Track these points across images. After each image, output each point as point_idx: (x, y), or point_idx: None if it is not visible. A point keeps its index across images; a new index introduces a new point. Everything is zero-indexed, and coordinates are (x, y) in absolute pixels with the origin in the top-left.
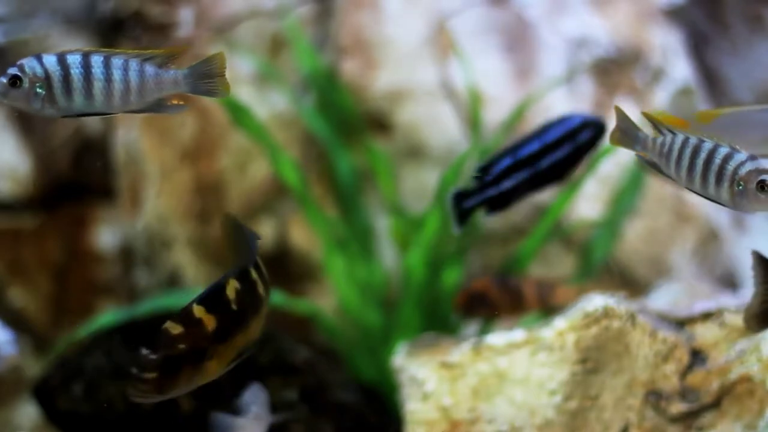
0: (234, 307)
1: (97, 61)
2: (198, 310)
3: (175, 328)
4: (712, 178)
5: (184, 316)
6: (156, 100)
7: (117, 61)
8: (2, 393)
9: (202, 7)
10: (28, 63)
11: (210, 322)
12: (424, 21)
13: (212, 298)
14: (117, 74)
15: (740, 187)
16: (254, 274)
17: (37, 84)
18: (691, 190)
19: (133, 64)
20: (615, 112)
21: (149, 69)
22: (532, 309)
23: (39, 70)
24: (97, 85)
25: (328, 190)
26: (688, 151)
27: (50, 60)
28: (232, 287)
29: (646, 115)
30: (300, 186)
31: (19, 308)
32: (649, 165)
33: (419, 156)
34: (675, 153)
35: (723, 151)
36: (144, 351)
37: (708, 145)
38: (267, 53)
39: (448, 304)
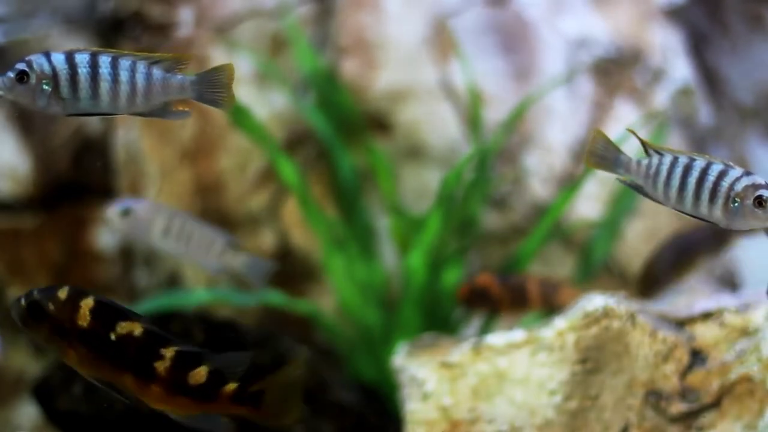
0: (113, 337)
1: (105, 61)
2: (86, 301)
3: (62, 291)
4: (705, 197)
5: (78, 291)
6: (161, 104)
7: (125, 63)
8: (2, 393)
9: (202, 7)
10: (36, 59)
11: (83, 317)
12: (424, 21)
13: (109, 308)
14: (124, 75)
15: (736, 204)
16: (168, 353)
17: (44, 81)
18: (680, 211)
19: (141, 67)
20: (592, 135)
21: (157, 72)
22: (535, 308)
23: (47, 66)
24: (104, 86)
25: (328, 190)
26: (678, 171)
27: (58, 58)
28: (133, 326)
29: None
30: (300, 186)
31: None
32: (632, 188)
33: (419, 156)
34: (663, 174)
35: (716, 168)
36: (40, 288)
37: (700, 163)
38: (267, 53)
39: (449, 304)
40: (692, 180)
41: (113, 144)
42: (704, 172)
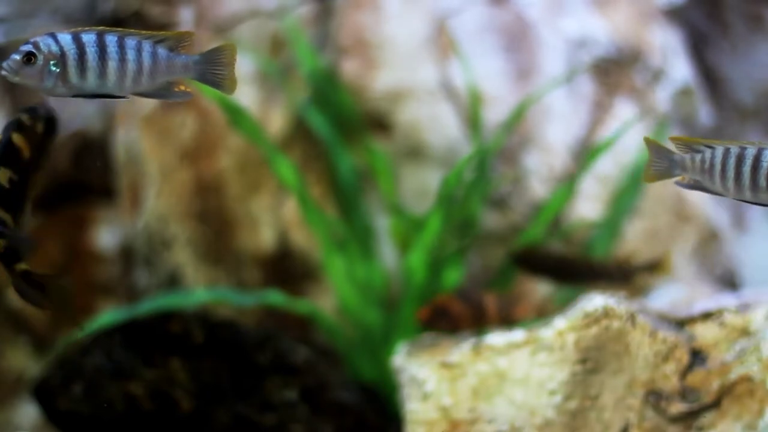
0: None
1: (111, 40)
2: (18, 137)
3: (31, 119)
4: (763, 182)
5: (32, 122)
6: (165, 84)
7: (131, 42)
8: (2, 393)
9: (202, 7)
10: (43, 40)
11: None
12: (424, 21)
13: (14, 152)
14: (131, 55)
15: None
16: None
17: (52, 61)
18: (742, 200)
19: (146, 46)
20: (647, 144)
21: (161, 51)
22: (493, 323)
23: (54, 47)
24: (111, 65)
25: (328, 190)
26: (731, 161)
27: (65, 38)
28: (2, 176)
29: (675, 139)
30: (298, 186)
31: (19, 308)
32: (690, 188)
33: (419, 156)
34: (718, 166)
35: None
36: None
37: (752, 151)
38: (267, 53)
39: None
40: (747, 168)
41: (113, 144)
42: (757, 159)
